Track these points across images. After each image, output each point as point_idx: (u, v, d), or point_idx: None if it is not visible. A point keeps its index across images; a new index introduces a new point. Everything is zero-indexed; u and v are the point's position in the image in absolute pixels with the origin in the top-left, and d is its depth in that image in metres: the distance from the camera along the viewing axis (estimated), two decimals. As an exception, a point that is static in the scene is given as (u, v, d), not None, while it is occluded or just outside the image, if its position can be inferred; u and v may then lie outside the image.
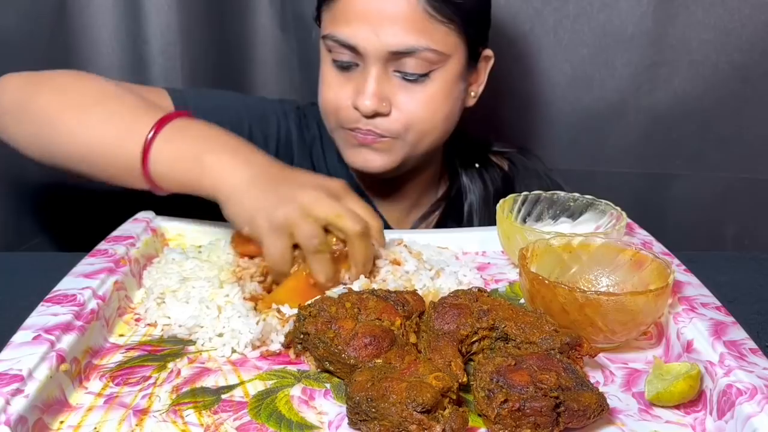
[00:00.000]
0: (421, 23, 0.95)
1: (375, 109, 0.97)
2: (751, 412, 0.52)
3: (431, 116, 1.01)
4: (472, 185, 1.16)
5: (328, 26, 0.99)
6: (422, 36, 0.95)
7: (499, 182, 1.18)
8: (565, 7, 1.30)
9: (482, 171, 1.18)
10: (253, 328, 0.67)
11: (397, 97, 0.98)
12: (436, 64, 0.98)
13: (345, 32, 0.96)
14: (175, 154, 0.80)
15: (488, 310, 0.65)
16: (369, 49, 0.95)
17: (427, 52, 0.96)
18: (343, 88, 1.00)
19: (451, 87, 1.01)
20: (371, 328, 0.62)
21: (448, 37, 0.97)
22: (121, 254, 0.79)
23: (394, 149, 1.02)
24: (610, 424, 0.57)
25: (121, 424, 0.56)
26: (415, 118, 0.99)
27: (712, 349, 0.60)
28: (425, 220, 1.16)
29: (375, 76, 0.97)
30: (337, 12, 0.97)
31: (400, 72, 0.97)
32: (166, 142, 0.81)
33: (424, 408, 0.52)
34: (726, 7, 1.26)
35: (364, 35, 0.95)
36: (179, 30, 1.27)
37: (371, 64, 0.96)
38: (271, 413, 0.57)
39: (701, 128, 1.34)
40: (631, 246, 0.73)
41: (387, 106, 0.98)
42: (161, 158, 0.80)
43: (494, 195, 1.15)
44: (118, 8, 1.26)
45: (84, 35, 1.26)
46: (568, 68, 1.33)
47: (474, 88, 1.09)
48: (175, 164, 0.80)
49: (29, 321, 0.63)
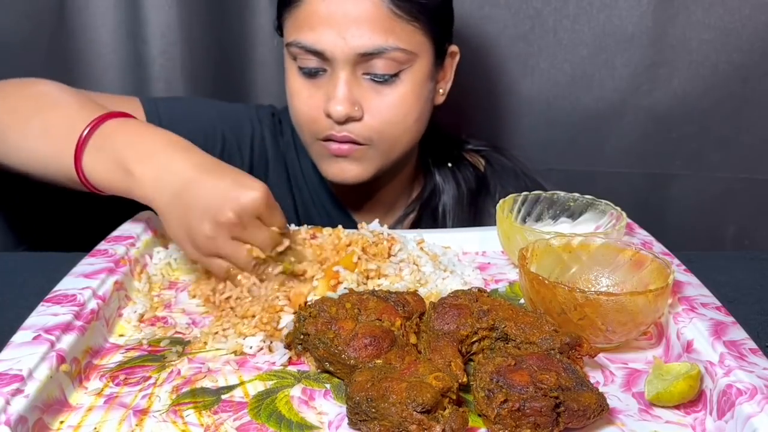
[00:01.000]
0: (387, 23, 0.94)
1: (347, 113, 0.96)
2: (751, 412, 0.52)
3: (403, 118, 1.00)
4: (445, 185, 1.16)
5: (292, 33, 0.98)
6: (389, 36, 0.94)
7: (472, 182, 1.17)
8: (565, 7, 1.30)
9: (455, 170, 1.17)
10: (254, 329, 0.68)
11: (369, 100, 0.98)
12: (404, 64, 0.97)
13: (310, 38, 0.95)
14: (105, 165, 0.79)
15: (488, 310, 0.65)
16: (337, 53, 0.94)
17: (396, 52, 0.95)
18: (313, 97, 0.99)
19: (420, 87, 1.00)
20: (371, 328, 0.62)
21: (414, 36, 0.97)
22: (121, 254, 0.79)
23: (368, 158, 1.01)
24: (610, 424, 0.57)
25: (121, 424, 0.56)
26: (387, 121, 0.99)
27: (712, 349, 0.60)
28: (401, 223, 1.16)
29: (344, 80, 0.96)
30: (301, 18, 0.96)
31: (369, 74, 0.97)
32: (97, 151, 0.79)
33: (424, 408, 0.52)
34: (726, 7, 1.26)
35: (330, 39, 0.94)
36: (179, 30, 1.27)
37: (340, 68, 0.96)
38: (271, 413, 0.57)
39: (701, 128, 1.34)
40: (630, 246, 0.73)
41: (359, 110, 0.97)
42: (93, 169, 0.79)
43: (467, 194, 1.15)
44: (117, 8, 1.26)
45: (83, 35, 1.27)
46: (568, 68, 1.33)
47: (442, 86, 1.08)
48: (106, 177, 0.79)
49: (29, 321, 0.63)
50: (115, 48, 1.27)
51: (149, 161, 0.77)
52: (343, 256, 0.79)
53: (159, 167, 0.76)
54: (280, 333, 0.68)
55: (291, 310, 0.71)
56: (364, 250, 0.80)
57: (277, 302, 0.72)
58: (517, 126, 1.38)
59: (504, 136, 1.37)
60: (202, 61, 1.32)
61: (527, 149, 1.37)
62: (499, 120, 1.38)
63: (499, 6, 1.30)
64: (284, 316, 0.70)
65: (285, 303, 0.72)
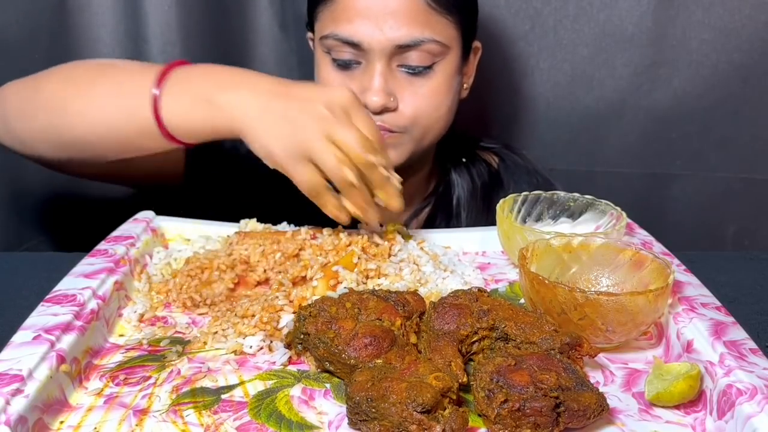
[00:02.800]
0: (424, 16, 0.96)
1: (383, 104, 0.97)
2: (751, 412, 0.52)
3: (436, 109, 1.02)
4: (460, 179, 1.17)
5: (329, 26, 0.99)
6: (426, 28, 0.96)
7: (485, 176, 1.19)
8: (565, 7, 1.30)
9: (469, 165, 1.19)
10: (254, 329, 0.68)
11: (403, 91, 0.99)
12: (438, 57, 0.99)
13: (348, 30, 0.96)
14: (185, 106, 0.81)
15: (488, 310, 0.65)
16: (374, 45, 0.96)
17: (431, 44, 0.97)
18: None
19: (452, 79, 1.02)
20: (371, 328, 0.62)
21: (448, 29, 0.99)
22: (121, 254, 0.79)
23: (401, 144, 1.02)
24: (610, 424, 0.57)
25: (121, 424, 0.56)
26: (421, 112, 1.00)
27: (712, 349, 0.61)
28: (416, 216, 1.17)
29: (380, 71, 0.97)
30: (338, 11, 0.98)
31: (404, 66, 0.98)
32: (174, 95, 0.81)
33: (424, 408, 0.52)
34: (726, 7, 1.26)
35: (367, 31, 0.95)
36: (179, 29, 1.27)
37: (376, 60, 0.97)
38: (271, 413, 0.57)
39: (701, 128, 1.34)
40: (631, 246, 0.73)
41: (394, 101, 0.99)
42: (173, 112, 0.81)
43: (481, 189, 1.16)
44: (118, 8, 1.26)
45: (84, 35, 1.26)
46: (568, 68, 1.33)
47: (466, 80, 1.11)
48: (188, 115, 0.81)
49: (29, 321, 0.63)
50: (115, 47, 1.27)
51: (231, 89, 0.80)
52: (343, 256, 0.79)
53: (242, 91, 0.79)
54: (280, 333, 0.68)
55: (291, 310, 0.71)
56: (364, 250, 0.80)
57: (277, 302, 0.72)
58: (517, 126, 1.38)
59: (504, 136, 1.37)
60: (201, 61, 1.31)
61: (527, 149, 1.37)
62: (500, 120, 1.38)
63: (499, 6, 1.30)
64: (284, 316, 0.70)
65: (285, 303, 0.72)
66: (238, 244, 0.83)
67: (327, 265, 0.78)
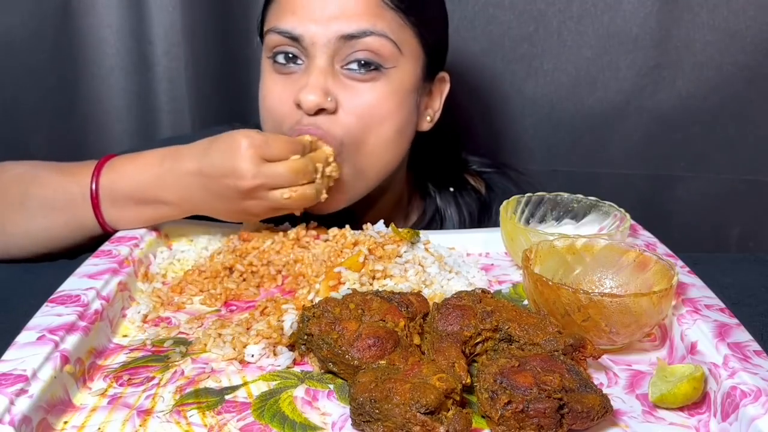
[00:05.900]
0: (374, 9, 0.89)
1: (319, 103, 0.88)
2: (755, 414, 0.52)
3: (380, 122, 0.92)
4: (447, 210, 1.11)
5: (272, 21, 0.92)
6: (376, 20, 0.89)
7: (473, 206, 1.12)
8: (569, 8, 1.30)
9: (456, 195, 1.12)
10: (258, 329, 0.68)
11: (344, 94, 0.90)
12: (388, 60, 0.90)
13: (291, 22, 0.90)
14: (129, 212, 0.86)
15: (492, 311, 0.65)
16: (317, 38, 0.88)
17: (381, 38, 0.89)
18: (285, 90, 0.92)
19: (403, 95, 0.93)
20: (375, 329, 0.62)
21: (402, 31, 0.91)
22: (125, 255, 0.79)
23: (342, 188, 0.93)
24: (614, 425, 0.57)
25: (124, 424, 0.56)
26: (363, 121, 0.91)
27: (716, 351, 0.60)
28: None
29: (320, 68, 0.89)
30: (282, 4, 0.91)
31: (349, 67, 0.90)
32: (113, 205, 0.86)
33: (428, 409, 0.52)
34: (730, 8, 1.26)
35: (310, 24, 0.89)
36: (183, 31, 1.28)
37: (317, 56, 0.89)
38: (275, 414, 0.57)
39: (705, 130, 1.34)
40: (634, 247, 0.73)
41: (332, 102, 0.89)
42: (121, 221, 0.87)
43: (469, 220, 1.11)
44: (122, 9, 1.26)
45: (88, 35, 1.27)
46: (572, 69, 1.33)
47: (429, 112, 1.02)
48: (135, 220, 0.87)
49: (33, 321, 0.63)
50: (119, 48, 1.28)
51: (160, 187, 0.84)
52: (350, 256, 0.79)
53: (171, 188, 0.83)
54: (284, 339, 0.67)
55: (294, 311, 0.71)
56: (371, 251, 0.80)
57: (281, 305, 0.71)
58: (520, 127, 1.38)
59: (508, 138, 1.37)
60: (205, 62, 1.32)
61: (531, 150, 1.37)
62: (503, 121, 1.38)
63: (503, 7, 1.30)
64: (288, 317, 0.70)
65: (290, 306, 0.71)
66: (241, 245, 0.83)
67: (330, 265, 0.78)
